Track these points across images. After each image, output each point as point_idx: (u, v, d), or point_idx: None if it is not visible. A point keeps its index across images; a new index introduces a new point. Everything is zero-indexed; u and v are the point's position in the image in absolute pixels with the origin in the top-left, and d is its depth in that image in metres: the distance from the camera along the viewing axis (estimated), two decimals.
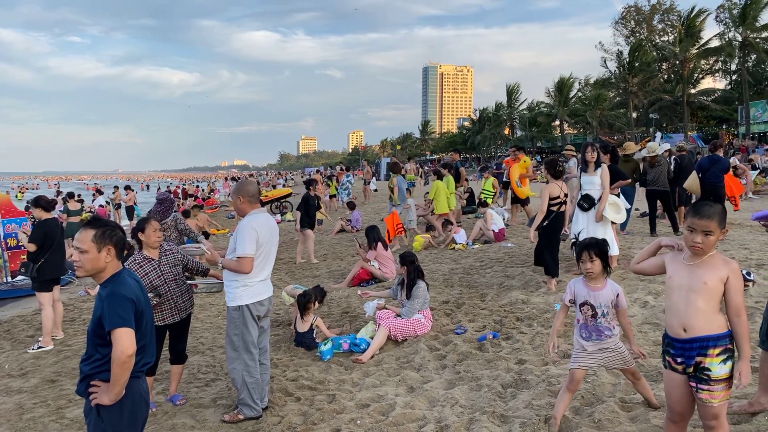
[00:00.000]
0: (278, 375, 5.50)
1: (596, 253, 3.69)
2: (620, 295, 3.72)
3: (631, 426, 3.78)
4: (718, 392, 2.84)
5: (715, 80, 54.04)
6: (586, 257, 3.71)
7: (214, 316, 8.11)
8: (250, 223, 4.50)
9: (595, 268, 3.69)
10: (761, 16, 39.88)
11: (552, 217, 7.34)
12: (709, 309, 2.83)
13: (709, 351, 2.81)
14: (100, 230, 2.90)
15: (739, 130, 43.61)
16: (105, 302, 2.81)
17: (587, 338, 3.75)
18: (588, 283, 3.76)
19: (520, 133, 69.04)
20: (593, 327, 3.72)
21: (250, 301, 4.54)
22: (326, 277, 10.06)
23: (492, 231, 11.39)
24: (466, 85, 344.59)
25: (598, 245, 3.72)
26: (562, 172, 7.46)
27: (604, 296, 3.69)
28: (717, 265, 2.85)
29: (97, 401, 2.81)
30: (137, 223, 4.97)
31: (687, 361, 2.88)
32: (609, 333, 3.72)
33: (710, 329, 2.82)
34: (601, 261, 3.70)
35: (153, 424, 4.60)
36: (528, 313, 6.47)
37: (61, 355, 6.81)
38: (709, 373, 2.82)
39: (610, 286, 3.74)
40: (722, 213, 2.86)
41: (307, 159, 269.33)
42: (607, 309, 3.69)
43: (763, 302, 5.52)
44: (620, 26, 56.20)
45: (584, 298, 3.73)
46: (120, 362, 2.73)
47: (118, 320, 2.76)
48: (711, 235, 2.83)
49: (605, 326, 3.71)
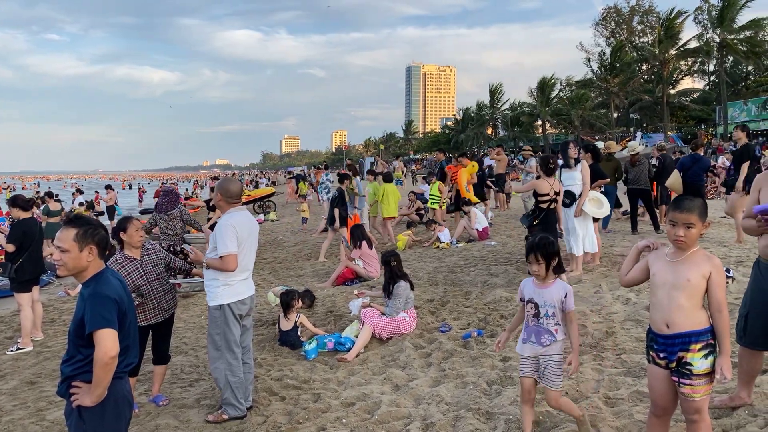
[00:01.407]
0: (263, 374, 5.46)
1: (542, 255, 3.48)
2: (568, 296, 3.48)
3: (615, 421, 3.82)
4: (699, 387, 2.87)
5: (694, 81, 54.94)
6: (532, 259, 3.51)
7: (197, 316, 8.05)
8: (228, 221, 4.46)
9: (540, 270, 3.49)
10: (738, 18, 40.58)
11: (542, 214, 7.33)
12: (691, 305, 2.86)
13: (690, 346, 2.85)
14: (82, 229, 2.84)
15: (717, 130, 44.29)
16: (87, 302, 2.75)
17: (525, 340, 3.56)
18: (535, 280, 3.59)
19: (503, 133, 69.46)
20: (534, 327, 3.53)
21: (231, 300, 4.50)
22: (311, 276, 10.03)
23: (476, 230, 11.44)
24: (449, 85, 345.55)
25: (544, 246, 3.50)
26: (554, 169, 7.45)
27: (549, 294, 3.49)
28: (699, 261, 2.88)
29: (79, 402, 2.76)
30: (119, 223, 4.89)
31: (669, 356, 2.91)
32: (549, 339, 3.47)
33: (692, 325, 2.86)
34: (548, 262, 3.49)
35: (136, 425, 4.54)
36: (512, 311, 6.50)
37: (41, 356, 6.71)
38: (691, 368, 2.85)
39: (558, 285, 3.53)
40: (702, 206, 2.89)
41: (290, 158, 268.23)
42: (552, 310, 3.47)
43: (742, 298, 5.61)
44: (600, 27, 56.84)
45: (530, 295, 3.58)
46: (102, 364, 2.68)
47: (101, 321, 2.71)
48: (693, 228, 2.86)
49: (546, 329, 3.48)
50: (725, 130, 41.47)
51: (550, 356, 3.49)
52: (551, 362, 3.48)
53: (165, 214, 9.14)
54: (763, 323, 3.59)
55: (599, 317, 6.03)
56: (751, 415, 3.69)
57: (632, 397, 4.13)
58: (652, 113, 50.49)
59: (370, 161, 55.58)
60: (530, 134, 65.21)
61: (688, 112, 50.76)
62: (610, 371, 4.66)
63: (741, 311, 3.78)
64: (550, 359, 3.49)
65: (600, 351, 5.13)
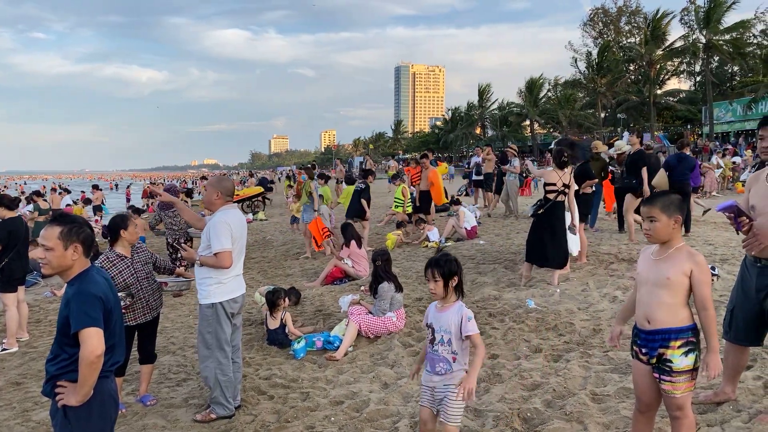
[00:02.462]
0: (251, 374, 5.45)
1: (440, 273, 3.19)
2: (464, 321, 3.13)
3: (601, 417, 3.85)
4: (680, 384, 2.89)
5: (680, 81, 55.34)
6: (429, 275, 3.23)
7: (185, 316, 8.01)
8: (223, 218, 4.46)
9: (437, 288, 3.21)
10: (724, 19, 40.97)
11: (549, 205, 7.25)
12: (674, 303, 2.89)
13: (670, 343, 2.88)
14: (67, 227, 2.82)
15: (703, 130, 44.72)
16: (72, 301, 2.73)
17: (427, 368, 3.28)
18: (437, 304, 3.31)
19: (492, 133, 69.60)
20: (430, 354, 3.25)
21: (224, 298, 4.48)
22: (299, 275, 10.01)
23: (464, 229, 11.48)
24: (438, 85, 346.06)
25: (444, 264, 3.21)
26: (566, 162, 7.32)
27: (445, 319, 3.18)
28: (682, 259, 2.91)
29: (65, 402, 2.73)
30: (119, 220, 4.78)
31: (650, 352, 2.95)
32: (445, 368, 3.17)
33: (672, 322, 2.88)
34: (446, 281, 3.20)
35: (123, 425, 4.51)
36: (500, 309, 6.53)
37: (27, 357, 6.65)
38: (671, 364, 2.88)
39: (455, 309, 3.20)
40: (667, 201, 2.92)
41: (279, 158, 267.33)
42: (448, 336, 3.16)
43: (728, 295, 5.66)
44: (588, 28, 57.15)
45: (430, 319, 3.30)
46: (88, 362, 2.66)
47: (86, 320, 2.69)
48: (656, 221, 2.91)
49: (442, 357, 3.17)
50: (711, 130, 41.89)
51: (446, 387, 3.18)
52: (448, 394, 3.16)
53: (169, 210, 9.73)
54: (748, 318, 3.64)
55: (586, 315, 6.08)
56: (736, 410, 3.73)
57: (619, 394, 4.16)
58: (639, 113, 50.84)
59: (359, 161, 55.58)
60: (518, 134, 65.41)
61: (674, 112, 51.15)
62: (596, 368, 4.70)
63: (728, 306, 3.84)
64: (446, 390, 3.18)
65: (587, 348, 5.16)
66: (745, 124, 39.76)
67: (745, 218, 3.37)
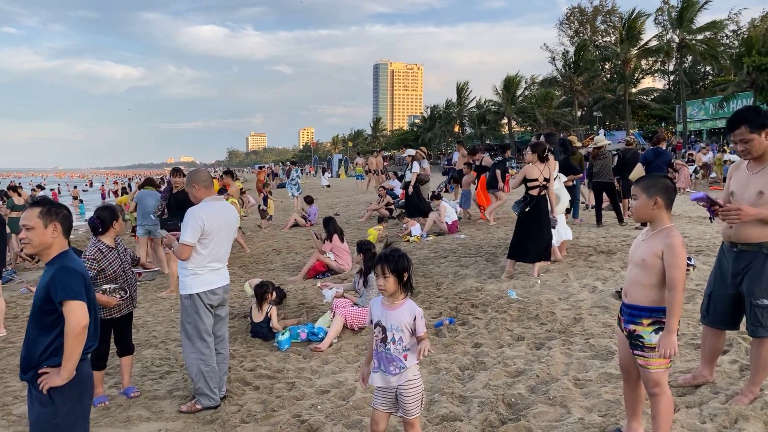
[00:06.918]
0: (235, 365, 5.43)
1: (390, 269, 3.09)
2: (417, 319, 3.11)
3: (584, 401, 3.93)
4: (652, 359, 3.03)
5: (654, 80, 56.29)
6: (379, 271, 3.12)
7: (166, 310, 7.94)
8: (197, 211, 4.43)
9: (387, 284, 3.10)
10: (697, 19, 41.70)
11: (534, 201, 7.26)
12: (648, 284, 3.03)
13: (642, 320, 3.04)
14: (46, 207, 2.94)
15: (677, 128, 45.53)
16: (56, 275, 2.81)
17: (376, 369, 3.19)
18: (384, 301, 3.21)
19: (470, 131, 69.94)
20: (382, 354, 3.16)
21: (200, 289, 4.47)
22: (281, 270, 9.99)
23: (446, 223, 11.57)
24: (416, 83, 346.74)
25: (394, 260, 3.11)
26: (547, 157, 7.30)
27: (396, 318, 3.11)
28: (658, 240, 3.04)
29: (50, 384, 2.78)
30: (112, 211, 4.76)
31: (626, 324, 3.14)
32: (399, 367, 3.12)
33: (645, 301, 3.04)
34: (397, 278, 3.11)
35: (107, 417, 4.48)
36: (482, 300, 6.61)
37: (5, 352, 6.53)
38: (642, 340, 3.04)
39: (407, 307, 3.14)
40: (651, 182, 3.11)
41: (257, 155, 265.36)
42: (400, 334, 3.10)
43: (703, 284, 5.81)
44: (565, 27, 57.75)
45: (378, 317, 3.19)
46: (75, 334, 2.75)
47: (71, 293, 2.78)
48: (636, 199, 3.12)
49: (395, 356, 3.12)
50: (684, 128, 42.67)
51: (402, 386, 3.14)
52: (404, 392, 3.15)
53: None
54: (725, 303, 3.75)
55: (567, 305, 6.18)
56: (713, 392, 3.85)
57: (600, 379, 4.25)
58: (615, 111, 51.58)
59: (338, 158, 55.45)
60: (496, 132, 65.80)
61: (649, 111, 52.01)
62: (578, 355, 4.79)
63: (705, 291, 3.95)
64: (402, 389, 3.14)
65: (569, 336, 5.25)
66: (716, 122, 40.62)
67: (717, 207, 3.54)
